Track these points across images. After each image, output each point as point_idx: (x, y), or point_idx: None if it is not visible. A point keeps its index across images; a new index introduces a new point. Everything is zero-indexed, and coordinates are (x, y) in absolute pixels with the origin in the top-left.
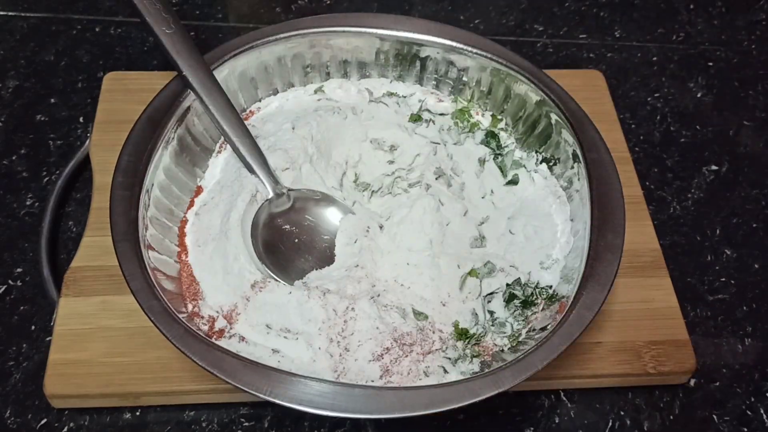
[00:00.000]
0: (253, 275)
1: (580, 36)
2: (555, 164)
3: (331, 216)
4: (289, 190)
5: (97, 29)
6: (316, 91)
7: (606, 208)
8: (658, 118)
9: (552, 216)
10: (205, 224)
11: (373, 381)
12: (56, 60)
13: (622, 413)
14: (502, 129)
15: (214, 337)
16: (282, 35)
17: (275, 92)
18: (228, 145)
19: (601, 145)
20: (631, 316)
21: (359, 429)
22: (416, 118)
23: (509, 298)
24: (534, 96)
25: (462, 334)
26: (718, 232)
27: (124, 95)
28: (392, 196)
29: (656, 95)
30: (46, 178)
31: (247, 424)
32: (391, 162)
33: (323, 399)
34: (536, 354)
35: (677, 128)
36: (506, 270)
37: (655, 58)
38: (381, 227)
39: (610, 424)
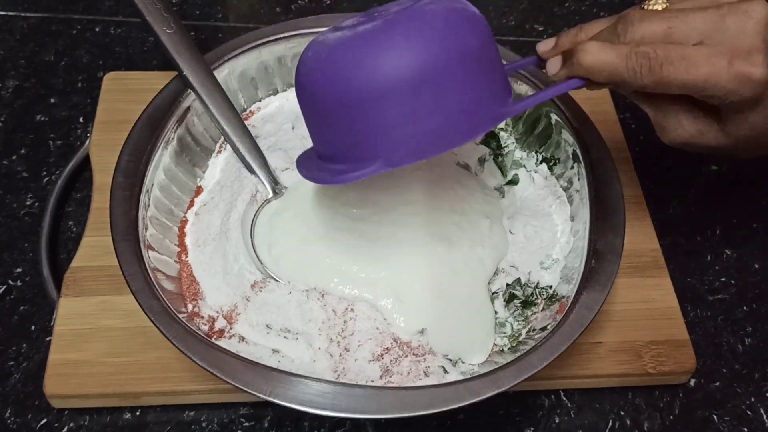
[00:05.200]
0: (253, 275)
1: None
2: (555, 164)
3: None
4: None
5: (97, 29)
6: None
7: (606, 208)
8: None
9: (552, 216)
10: (205, 224)
11: (373, 381)
12: (56, 60)
13: (622, 413)
14: (502, 129)
15: (214, 337)
16: (282, 35)
17: (275, 92)
18: (228, 145)
19: (602, 145)
20: (631, 316)
21: (359, 429)
22: None
23: (509, 298)
24: None
25: None
26: (718, 232)
27: (124, 95)
28: None
29: None
30: (46, 178)
31: (247, 424)
32: None
33: (323, 399)
34: (536, 354)
35: None
36: (506, 270)
37: None
38: None
39: (610, 424)
